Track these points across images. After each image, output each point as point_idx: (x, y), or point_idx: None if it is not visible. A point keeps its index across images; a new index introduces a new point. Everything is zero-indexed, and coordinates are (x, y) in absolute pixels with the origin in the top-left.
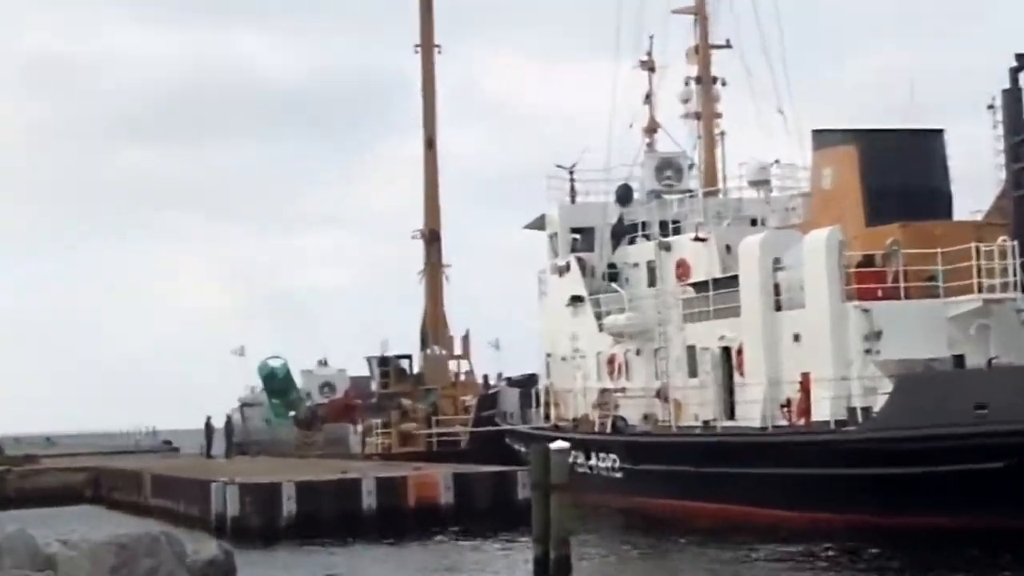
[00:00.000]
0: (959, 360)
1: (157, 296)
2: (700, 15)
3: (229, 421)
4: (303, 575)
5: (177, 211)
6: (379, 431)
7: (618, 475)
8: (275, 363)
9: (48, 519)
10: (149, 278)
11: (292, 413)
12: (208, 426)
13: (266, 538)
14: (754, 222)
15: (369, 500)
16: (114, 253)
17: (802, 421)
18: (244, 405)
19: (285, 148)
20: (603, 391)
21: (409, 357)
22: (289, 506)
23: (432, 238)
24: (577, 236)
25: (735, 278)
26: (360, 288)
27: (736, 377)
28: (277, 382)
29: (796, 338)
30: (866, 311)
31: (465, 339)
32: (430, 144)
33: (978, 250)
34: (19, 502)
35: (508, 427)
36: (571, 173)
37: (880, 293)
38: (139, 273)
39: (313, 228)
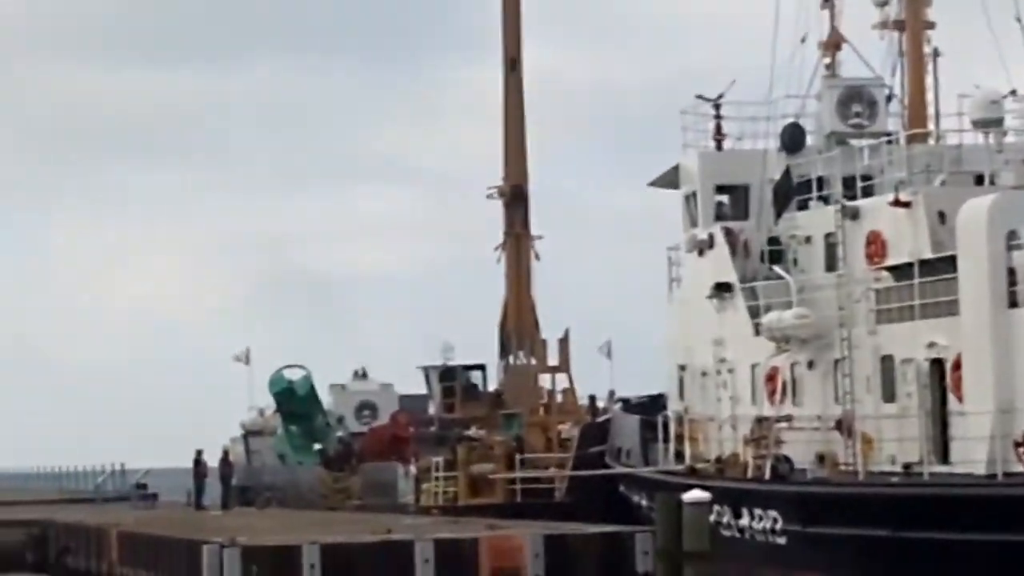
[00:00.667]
0: None
1: (125, 281)
2: None
3: (226, 457)
4: None
5: (152, 162)
6: (440, 474)
7: (780, 541)
8: (294, 375)
9: None
10: (113, 256)
11: (317, 446)
12: (199, 464)
13: None
14: (980, 179)
15: (426, 572)
16: (64, 222)
17: None
18: (249, 434)
19: (305, 70)
20: (760, 420)
21: (482, 368)
22: None
23: (515, 198)
24: (724, 198)
25: (952, 260)
26: (414, 270)
27: (952, 402)
28: (296, 402)
29: None
30: None
31: (563, 343)
32: (513, 66)
33: None
34: None
35: (623, 469)
36: (717, 108)
37: None
38: (99, 249)
39: (346, 185)
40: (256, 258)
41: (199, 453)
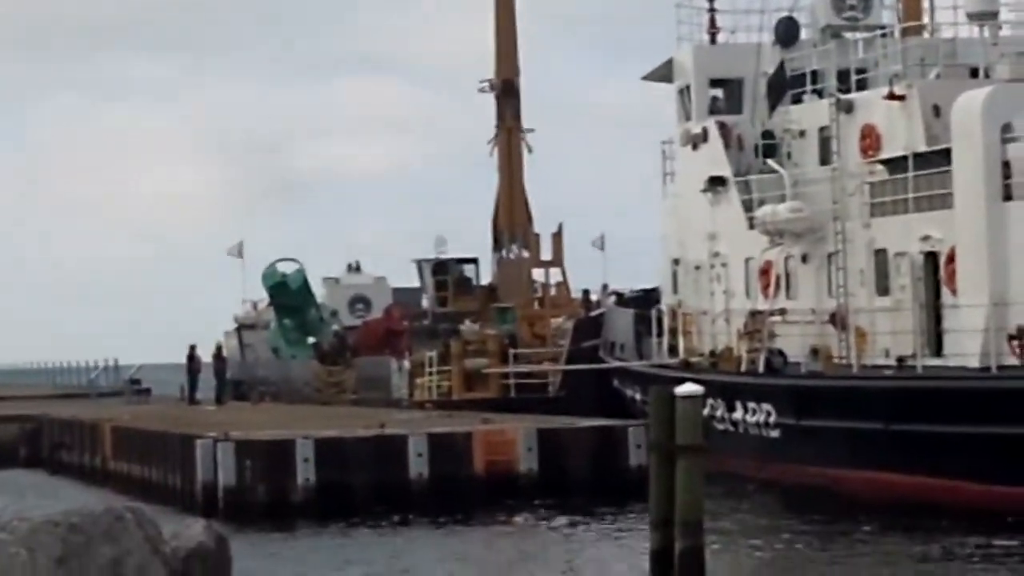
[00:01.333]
0: None
1: (116, 175)
2: None
3: (220, 351)
4: (324, 570)
5: (144, 53)
6: (434, 368)
7: (774, 434)
8: (287, 268)
9: None
10: (105, 149)
11: (311, 340)
12: (192, 359)
13: (273, 517)
14: (975, 73)
15: (419, 466)
16: (52, 114)
17: None
18: (242, 327)
19: None
20: (754, 314)
21: (475, 261)
22: (306, 473)
23: (506, 91)
24: (719, 91)
25: (946, 153)
26: (406, 164)
27: (946, 295)
28: (289, 295)
29: None
30: None
31: (557, 237)
32: None
33: None
34: None
35: (617, 364)
36: (711, 1)
37: None
38: (91, 142)
39: (338, 76)
40: (248, 153)
41: (192, 348)
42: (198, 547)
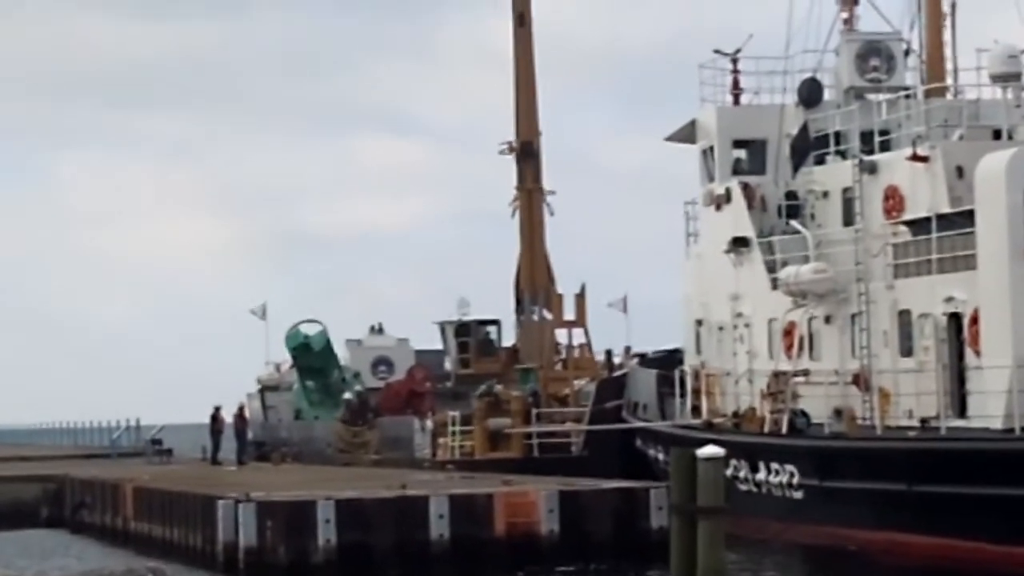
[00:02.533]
0: None
1: (137, 233)
2: None
3: (241, 412)
4: None
5: (163, 109)
6: (456, 428)
7: (796, 495)
8: (310, 330)
9: None
10: (124, 204)
11: (347, 396)
12: (216, 419)
13: None
14: (998, 134)
15: (440, 527)
16: (74, 170)
17: None
18: (265, 389)
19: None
20: (777, 375)
21: (498, 323)
22: (327, 534)
23: (526, 153)
24: (742, 152)
25: (970, 214)
26: (429, 225)
27: (969, 356)
28: (312, 357)
29: None
30: None
31: (579, 298)
32: (521, 20)
33: None
34: None
35: (640, 424)
36: (734, 61)
37: None
38: (110, 197)
39: (355, 137)
40: (267, 212)
41: (217, 409)
42: None
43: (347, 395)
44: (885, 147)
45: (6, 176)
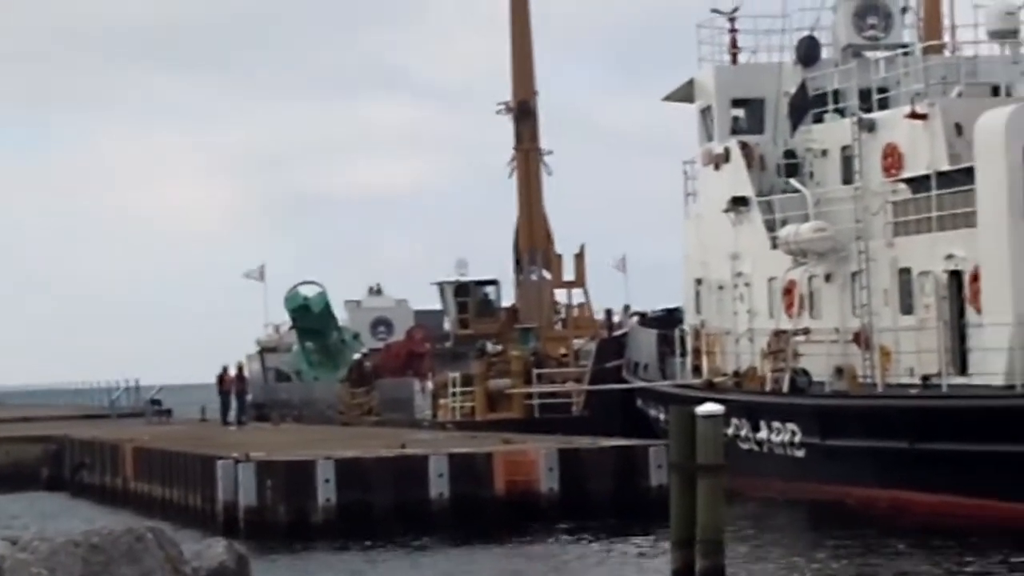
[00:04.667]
0: None
1: (135, 195)
2: None
3: (240, 373)
4: None
5: (161, 73)
6: (456, 389)
7: (798, 454)
8: (309, 291)
9: None
10: (123, 169)
11: (357, 355)
12: (223, 380)
13: (294, 537)
14: (996, 91)
15: (439, 486)
16: (75, 131)
17: None
18: (264, 351)
19: None
20: (777, 333)
21: (496, 283)
22: (327, 493)
23: (523, 112)
24: (740, 111)
25: (969, 171)
26: (426, 185)
27: (970, 314)
28: (311, 318)
29: None
30: None
31: (578, 258)
32: None
33: None
34: None
35: (640, 384)
36: (731, 20)
37: None
38: (108, 163)
39: (356, 95)
40: (267, 174)
41: (224, 369)
42: (219, 567)
43: (356, 355)
44: (883, 105)
45: (8, 139)
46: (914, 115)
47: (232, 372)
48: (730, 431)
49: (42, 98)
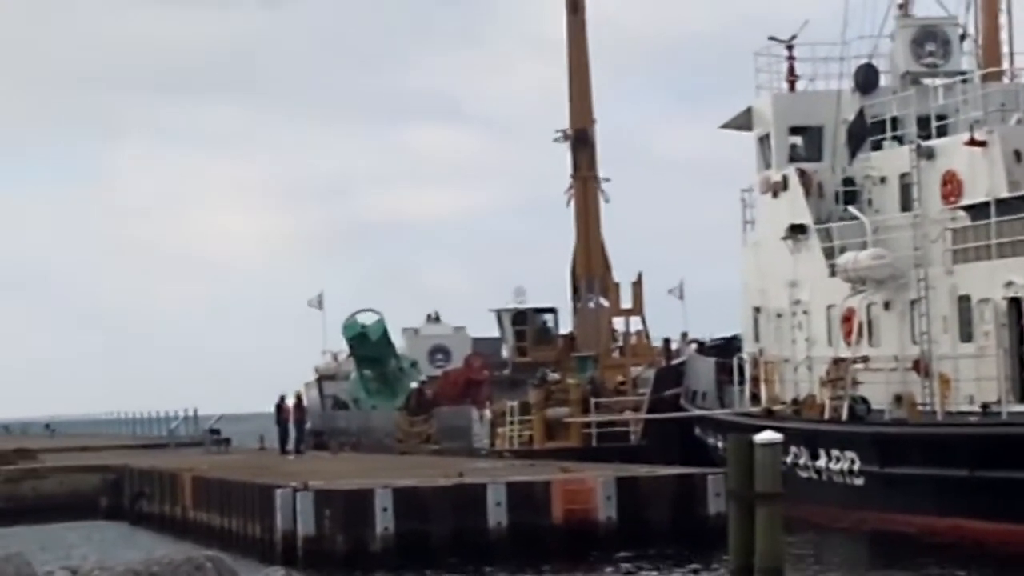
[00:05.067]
0: None
1: (194, 225)
2: None
3: (299, 402)
4: None
5: (213, 100)
6: (515, 417)
7: (857, 482)
8: (367, 319)
9: (50, 538)
10: (179, 198)
11: (414, 384)
12: (281, 409)
13: (352, 566)
14: None
15: (498, 515)
16: (126, 161)
17: None
18: (322, 378)
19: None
20: (836, 361)
21: (554, 311)
22: (385, 522)
23: (580, 140)
24: (798, 139)
25: None
26: (485, 214)
27: None
28: (370, 346)
29: None
30: None
31: (636, 286)
32: (574, 7)
33: None
34: (10, 515)
35: (699, 412)
36: (789, 48)
37: None
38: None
39: (412, 126)
40: (323, 202)
41: (282, 398)
42: None
43: (414, 384)
44: (942, 132)
45: (61, 169)
46: (973, 142)
47: (290, 401)
48: (789, 459)
49: (100, 127)
